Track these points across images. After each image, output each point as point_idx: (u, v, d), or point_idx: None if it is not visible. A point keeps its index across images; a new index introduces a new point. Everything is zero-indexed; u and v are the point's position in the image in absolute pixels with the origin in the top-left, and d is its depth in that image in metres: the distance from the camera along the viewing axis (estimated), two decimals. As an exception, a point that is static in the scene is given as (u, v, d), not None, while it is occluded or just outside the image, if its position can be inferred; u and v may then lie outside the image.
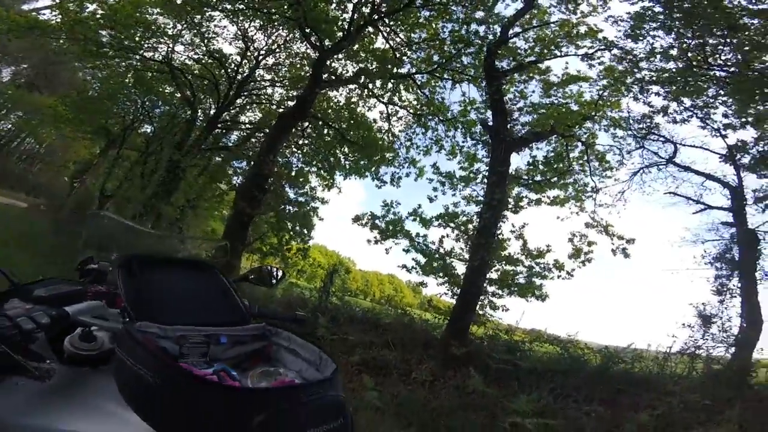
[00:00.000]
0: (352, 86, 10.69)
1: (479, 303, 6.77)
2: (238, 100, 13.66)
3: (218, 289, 0.97)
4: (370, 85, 10.40)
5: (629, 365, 5.84)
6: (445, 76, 9.64)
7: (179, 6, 10.19)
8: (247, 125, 14.34)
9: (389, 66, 9.51)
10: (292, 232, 10.08)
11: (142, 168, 12.10)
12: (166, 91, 13.98)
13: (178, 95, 13.73)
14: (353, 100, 11.13)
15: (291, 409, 0.59)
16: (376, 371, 5.14)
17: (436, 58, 9.51)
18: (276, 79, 13.53)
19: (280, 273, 1.57)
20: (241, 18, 11.18)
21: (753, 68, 6.50)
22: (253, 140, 13.84)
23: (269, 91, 13.99)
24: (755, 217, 7.40)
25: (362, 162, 10.88)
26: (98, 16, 10.28)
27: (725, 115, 7.41)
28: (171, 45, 12.24)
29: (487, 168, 7.97)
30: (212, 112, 13.36)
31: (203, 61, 13.20)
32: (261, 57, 12.93)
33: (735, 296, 7.05)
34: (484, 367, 5.31)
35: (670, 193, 8.75)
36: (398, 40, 9.74)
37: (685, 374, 5.90)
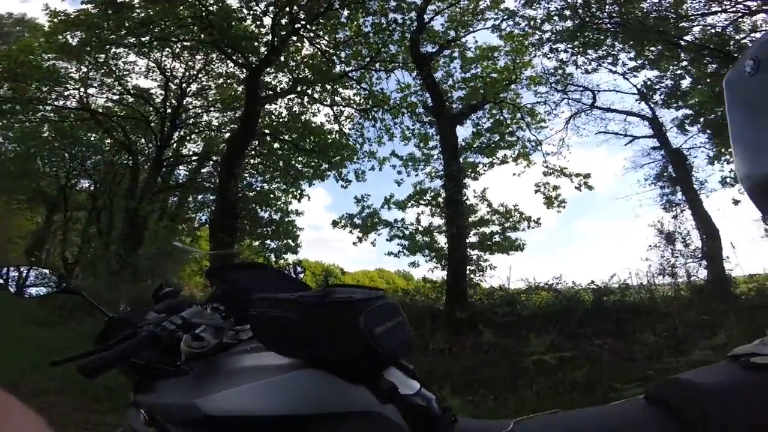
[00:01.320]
0: (291, 96, 10.43)
1: (468, 268, 7.02)
2: (176, 134, 12.92)
3: (279, 275, 1.21)
4: (309, 92, 10.20)
5: (619, 295, 5.95)
6: (378, 66, 9.67)
7: (77, 48, 9.26)
8: (193, 156, 13.60)
9: (322, 69, 9.39)
10: (277, 251, 9.82)
11: (97, 226, 11.16)
12: (92, 138, 12.87)
13: (109, 141, 12.76)
14: (295, 109, 10.91)
15: (371, 310, 0.79)
16: (392, 355, 5.17)
17: (365, 52, 9.49)
18: (207, 104, 12.92)
19: (299, 268, 1.67)
20: (146, 49, 10.35)
21: (634, 17, 7.09)
22: (204, 170, 13.21)
23: (205, 117, 13.36)
24: (677, 138, 8.33)
25: (323, 166, 10.69)
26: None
27: (630, 59, 8.17)
28: (84, 90, 11.18)
29: (440, 145, 8.20)
30: (152, 151, 12.55)
31: (125, 101, 12.25)
32: (185, 85, 12.17)
33: (684, 209, 7.61)
34: (490, 324, 5.48)
35: (600, 132, 9.47)
36: (324, 43, 9.62)
37: (673, 295, 6.06)
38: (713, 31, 7.12)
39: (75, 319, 6.85)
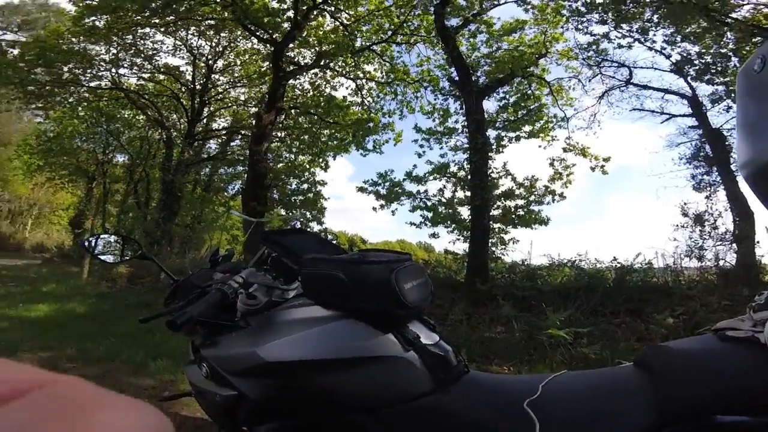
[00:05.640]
0: (315, 71, 10.38)
1: (490, 241, 6.97)
2: (205, 110, 13.20)
3: (319, 239, 1.31)
4: (332, 65, 10.10)
5: (642, 275, 5.69)
6: (400, 40, 9.43)
7: (104, 31, 9.44)
8: (222, 131, 13.89)
9: (344, 43, 9.25)
10: (306, 220, 10.07)
11: (135, 197, 11.68)
12: (126, 115, 13.39)
13: (142, 117, 13.21)
14: (318, 84, 10.86)
15: (400, 270, 0.91)
16: (414, 324, 5.23)
17: (387, 25, 9.26)
18: (234, 80, 13.04)
19: (331, 235, 1.74)
20: (172, 29, 10.50)
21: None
22: (233, 143, 13.50)
23: (232, 92, 13.52)
24: (718, 117, 7.75)
25: (347, 140, 10.71)
26: (27, 56, 9.62)
27: (664, 35, 7.63)
28: (115, 70, 11.56)
29: (465, 118, 8.01)
30: (184, 126, 12.89)
31: (155, 79, 12.57)
32: (211, 62, 12.37)
33: (718, 190, 7.15)
34: (510, 297, 5.43)
35: (635, 109, 9.02)
36: (346, 17, 9.42)
37: (698, 278, 5.70)
38: (765, 10, 6.51)
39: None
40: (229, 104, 13.67)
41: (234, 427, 1.04)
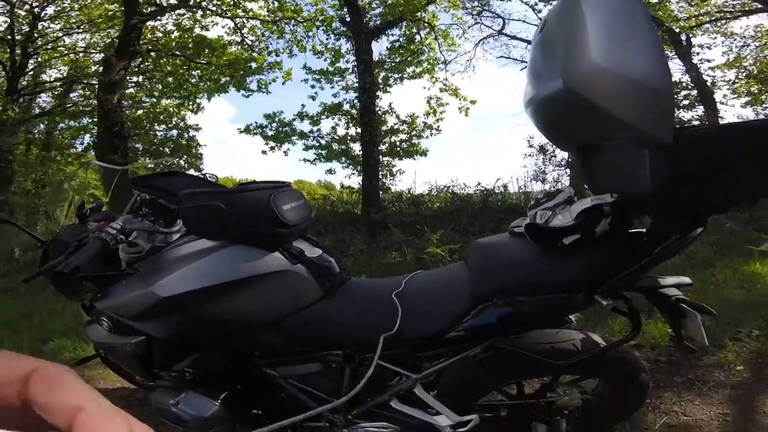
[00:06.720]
0: (181, 11, 8.97)
1: (380, 173, 7.42)
2: (31, 61, 10.66)
3: (195, 178, 1.31)
4: (204, 3, 8.85)
5: (501, 197, 6.60)
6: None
7: None
8: (57, 83, 11.39)
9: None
10: (181, 169, 8.92)
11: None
12: None
13: None
14: (185, 24, 9.43)
15: (278, 194, 0.99)
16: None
17: None
18: (69, 26, 10.64)
19: (211, 175, 1.76)
20: None
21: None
22: (73, 95, 11.24)
23: (67, 40, 11.03)
24: None
25: (223, 80, 9.59)
26: None
27: None
28: None
29: (355, 59, 8.00)
30: (2, 82, 10.26)
31: None
32: (38, 9, 9.88)
33: None
34: (399, 224, 5.91)
35: (502, 57, 10.12)
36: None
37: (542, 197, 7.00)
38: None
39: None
40: (65, 53, 11.19)
41: (151, 375, 1.03)
